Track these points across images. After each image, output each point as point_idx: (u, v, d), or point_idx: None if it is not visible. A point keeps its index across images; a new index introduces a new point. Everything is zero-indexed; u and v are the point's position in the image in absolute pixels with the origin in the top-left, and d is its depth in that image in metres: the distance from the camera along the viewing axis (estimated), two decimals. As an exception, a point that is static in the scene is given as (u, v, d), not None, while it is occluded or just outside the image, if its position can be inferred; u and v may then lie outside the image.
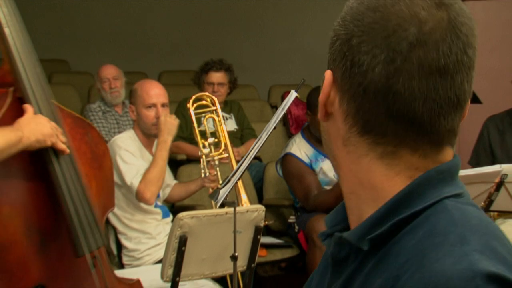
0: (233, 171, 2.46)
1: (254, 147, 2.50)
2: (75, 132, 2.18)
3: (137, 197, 3.16)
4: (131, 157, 3.21)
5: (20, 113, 1.97)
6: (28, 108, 1.96)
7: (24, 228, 1.96)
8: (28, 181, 1.97)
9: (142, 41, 7.25)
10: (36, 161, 1.97)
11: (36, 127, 1.91)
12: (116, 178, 3.13)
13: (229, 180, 2.39)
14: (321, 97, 0.88)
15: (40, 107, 2.00)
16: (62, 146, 1.97)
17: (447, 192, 0.82)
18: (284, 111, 2.51)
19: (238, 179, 2.39)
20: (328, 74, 0.87)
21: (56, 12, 7.13)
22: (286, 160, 3.94)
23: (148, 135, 3.39)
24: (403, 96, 0.79)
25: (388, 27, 0.80)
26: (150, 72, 6.58)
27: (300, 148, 3.94)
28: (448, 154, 0.86)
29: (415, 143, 0.82)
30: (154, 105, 3.31)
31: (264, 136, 2.48)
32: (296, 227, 4.01)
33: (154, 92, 3.35)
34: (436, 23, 0.79)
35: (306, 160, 3.89)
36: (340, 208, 0.95)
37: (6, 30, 1.96)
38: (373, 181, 0.85)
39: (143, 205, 3.25)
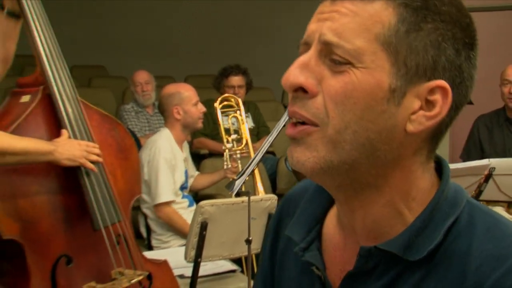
0: (247, 165, 2.45)
1: (265, 143, 2.49)
2: (102, 127, 2.21)
3: (156, 210, 3.22)
4: (165, 168, 3.21)
5: (48, 106, 2.02)
6: (64, 132, 1.99)
7: (49, 205, 1.99)
8: (54, 167, 1.98)
9: (170, 48, 7.24)
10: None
11: (69, 149, 1.94)
12: (146, 176, 3.16)
13: (243, 173, 2.38)
14: (436, 111, 0.75)
15: (65, 102, 2.01)
16: (90, 166, 1.99)
17: (462, 193, 0.77)
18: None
19: (251, 173, 2.38)
20: (444, 84, 0.75)
21: (94, 23, 7.14)
22: None
23: (189, 131, 3.44)
24: (466, 101, 0.75)
25: (472, 26, 0.76)
26: (177, 76, 6.57)
27: None
28: None
29: (438, 145, 0.77)
30: (198, 101, 3.36)
31: (274, 134, 2.46)
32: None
33: (194, 92, 3.41)
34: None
35: None
36: (303, 219, 0.85)
37: (37, 40, 1.98)
38: (420, 188, 0.75)
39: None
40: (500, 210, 3.42)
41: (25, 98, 2.04)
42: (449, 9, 0.71)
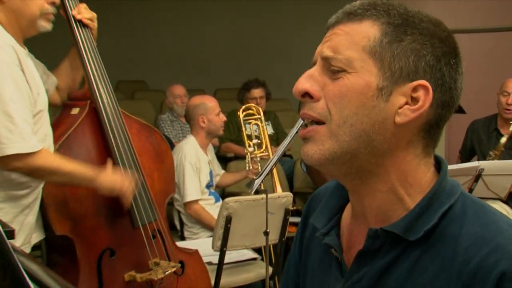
0: (264, 167, 2.46)
1: (281, 148, 2.50)
2: (141, 135, 2.21)
3: (185, 208, 3.23)
4: (191, 171, 3.22)
5: (94, 118, 2.02)
6: (109, 162, 1.96)
7: (94, 204, 1.99)
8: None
9: (202, 65, 7.22)
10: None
11: (110, 180, 1.89)
12: (175, 178, 3.18)
13: (262, 173, 2.39)
14: (417, 106, 0.80)
15: (109, 115, 2.01)
16: (126, 202, 1.94)
17: (458, 186, 0.79)
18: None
19: (268, 173, 2.39)
20: (425, 83, 0.79)
21: (137, 44, 7.19)
22: None
23: (212, 137, 3.43)
24: (458, 97, 0.78)
25: (452, 41, 0.80)
26: (208, 89, 6.56)
27: None
28: None
29: (435, 143, 0.80)
30: (220, 112, 3.38)
31: (288, 139, 2.46)
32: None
33: (217, 103, 3.42)
34: None
35: None
36: (325, 211, 0.89)
37: (86, 63, 2.01)
38: (417, 178, 0.78)
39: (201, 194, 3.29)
40: (498, 205, 3.38)
41: (75, 111, 2.06)
42: (427, 25, 0.77)
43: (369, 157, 0.77)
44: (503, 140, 3.49)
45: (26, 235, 1.85)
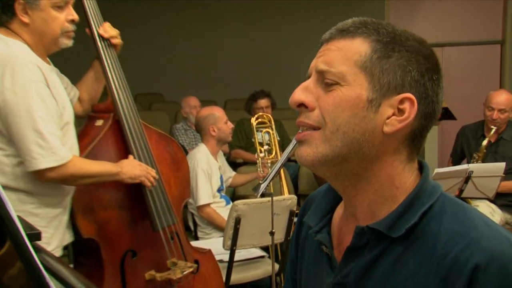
0: (270, 172, 2.47)
1: (284, 155, 2.50)
2: (159, 144, 2.20)
3: (198, 210, 3.24)
4: (203, 177, 3.22)
5: (117, 130, 2.02)
6: (130, 156, 1.98)
7: (118, 209, 2.00)
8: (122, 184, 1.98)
9: (213, 78, 7.24)
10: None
11: (131, 169, 1.92)
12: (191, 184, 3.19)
13: (266, 178, 2.40)
14: (404, 117, 0.81)
15: (130, 127, 2.01)
16: (147, 184, 1.97)
17: (439, 187, 0.80)
18: None
19: (273, 178, 2.39)
20: (411, 96, 0.81)
21: (154, 59, 7.22)
22: None
23: (221, 144, 3.43)
24: (438, 111, 0.79)
25: (434, 59, 0.80)
26: (219, 100, 6.58)
27: None
28: None
29: (418, 150, 0.81)
30: (227, 120, 3.39)
31: (290, 146, 2.46)
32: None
33: (223, 112, 3.43)
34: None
35: None
36: (318, 210, 0.90)
37: (110, 78, 2.00)
38: (402, 181, 0.79)
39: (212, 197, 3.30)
40: (484, 203, 3.38)
41: (99, 122, 2.05)
42: (413, 43, 0.78)
43: (359, 161, 0.78)
44: (484, 142, 3.51)
45: (59, 238, 1.87)
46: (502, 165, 3.06)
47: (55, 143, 1.71)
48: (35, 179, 1.74)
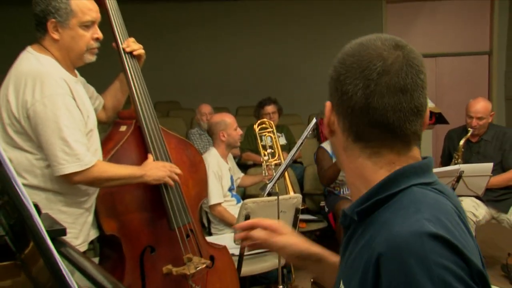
0: (275, 173, 2.46)
1: (289, 157, 2.51)
2: (178, 148, 2.19)
3: (210, 209, 3.24)
4: (214, 179, 3.22)
5: (139, 135, 2.01)
6: (150, 156, 1.96)
7: (138, 208, 2.00)
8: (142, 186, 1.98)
9: (226, 86, 7.25)
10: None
11: (156, 171, 1.91)
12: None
13: (272, 179, 2.41)
14: (325, 120, 0.86)
15: (150, 133, 2.00)
16: (171, 183, 1.96)
17: (416, 181, 0.78)
18: (307, 132, 2.45)
19: (278, 179, 2.40)
20: (328, 103, 0.86)
21: (172, 69, 7.25)
22: (318, 150, 3.88)
23: (230, 148, 3.42)
24: (378, 110, 0.77)
25: (363, 64, 0.78)
26: (231, 107, 6.57)
27: (329, 144, 3.90)
28: (416, 151, 0.82)
29: (391, 143, 0.79)
30: (237, 127, 3.39)
31: (294, 149, 2.46)
32: (326, 209, 3.93)
33: (234, 119, 3.44)
34: (394, 58, 0.77)
35: (330, 152, 3.79)
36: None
37: (133, 88, 2.01)
38: (365, 174, 0.81)
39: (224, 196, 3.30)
40: (469, 199, 3.34)
41: (123, 128, 2.07)
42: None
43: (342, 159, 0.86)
44: (461, 143, 3.52)
45: (86, 234, 1.88)
46: (490, 165, 3.05)
47: (80, 149, 1.72)
48: (62, 180, 1.76)
